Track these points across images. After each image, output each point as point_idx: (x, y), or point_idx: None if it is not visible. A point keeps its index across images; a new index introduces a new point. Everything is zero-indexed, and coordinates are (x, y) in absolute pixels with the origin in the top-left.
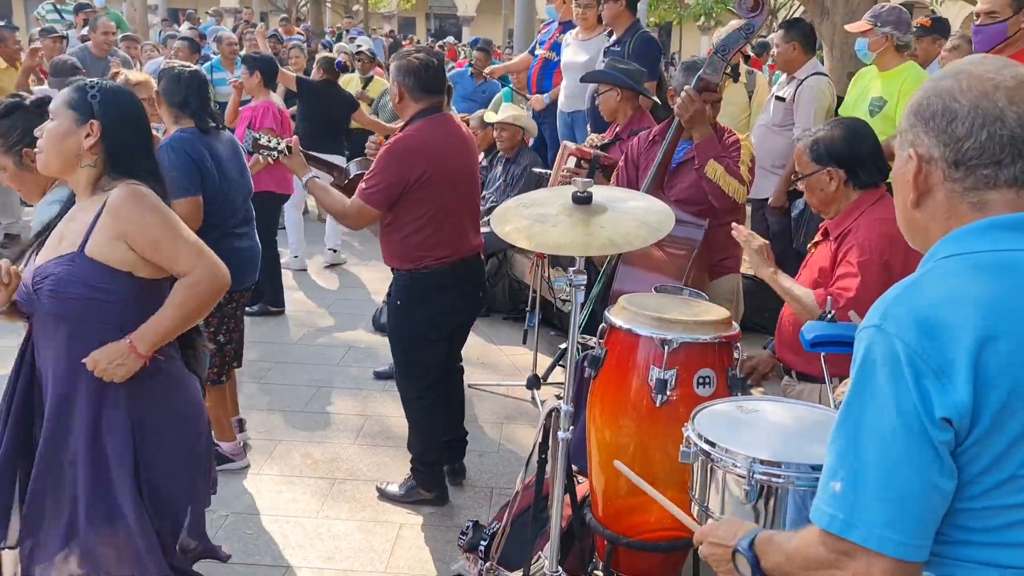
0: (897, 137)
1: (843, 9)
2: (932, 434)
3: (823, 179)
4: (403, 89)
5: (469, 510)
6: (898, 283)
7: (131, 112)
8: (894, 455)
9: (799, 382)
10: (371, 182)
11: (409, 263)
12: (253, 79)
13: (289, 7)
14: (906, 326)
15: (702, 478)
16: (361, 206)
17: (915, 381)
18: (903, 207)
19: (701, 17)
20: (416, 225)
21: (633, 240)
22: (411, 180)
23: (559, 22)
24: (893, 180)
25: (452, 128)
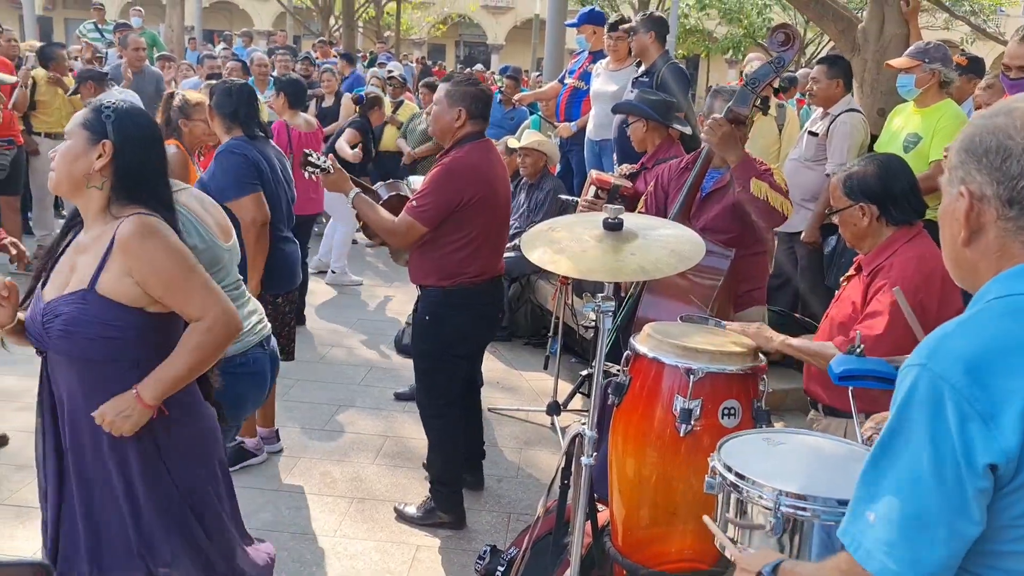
0: (947, 173)
1: (874, 46)
2: (968, 482)
3: (855, 214)
4: (466, 113)
5: (486, 534)
6: (947, 323)
7: (146, 135)
8: (921, 498)
9: (826, 416)
10: (423, 201)
11: (445, 280)
12: (279, 100)
13: (323, 30)
14: (953, 368)
15: (726, 509)
16: (412, 223)
17: (959, 425)
18: (952, 244)
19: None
20: (458, 244)
21: (663, 268)
22: (462, 201)
23: (589, 52)
24: (940, 216)
25: (495, 155)
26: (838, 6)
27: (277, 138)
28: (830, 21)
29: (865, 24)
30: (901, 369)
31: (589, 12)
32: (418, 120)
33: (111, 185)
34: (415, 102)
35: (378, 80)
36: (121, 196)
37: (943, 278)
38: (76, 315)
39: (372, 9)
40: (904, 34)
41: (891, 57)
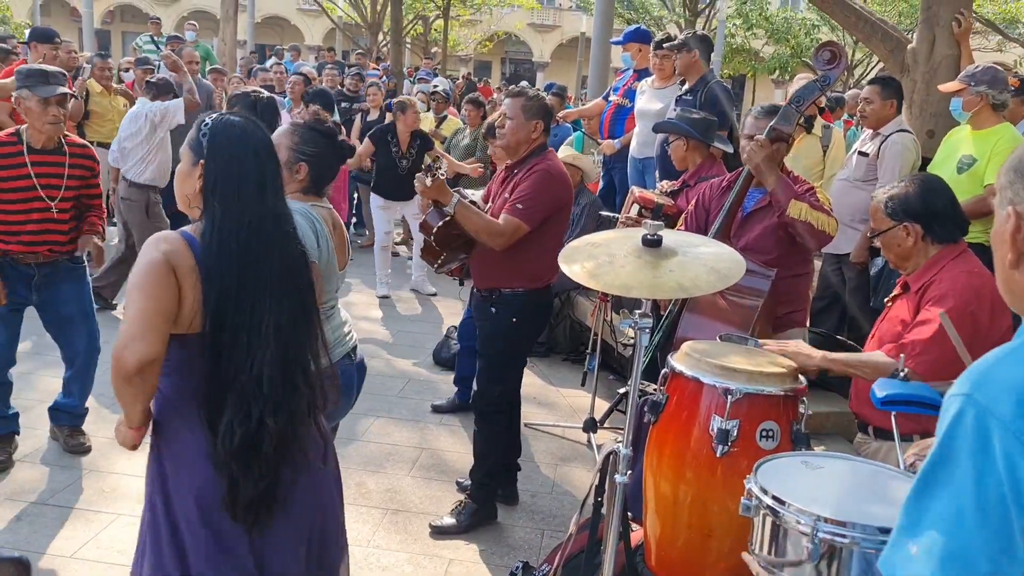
0: (996, 194)
1: (924, 67)
2: (1015, 519)
3: (899, 235)
4: (543, 124)
5: (520, 550)
6: (994, 350)
7: (235, 150)
8: (963, 536)
9: (875, 439)
10: (528, 203)
11: (536, 281)
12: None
13: (371, 46)
14: (1000, 399)
15: (763, 533)
16: (518, 224)
17: (1006, 460)
18: (1001, 267)
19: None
20: (551, 245)
21: (702, 286)
22: (560, 204)
23: (634, 70)
24: (992, 239)
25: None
26: (888, 26)
27: None
28: (879, 41)
29: (915, 45)
30: (946, 397)
31: (635, 30)
32: (461, 135)
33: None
34: (459, 118)
35: (423, 95)
36: (204, 212)
37: (992, 294)
38: None
39: (420, 26)
40: (955, 55)
41: (941, 78)
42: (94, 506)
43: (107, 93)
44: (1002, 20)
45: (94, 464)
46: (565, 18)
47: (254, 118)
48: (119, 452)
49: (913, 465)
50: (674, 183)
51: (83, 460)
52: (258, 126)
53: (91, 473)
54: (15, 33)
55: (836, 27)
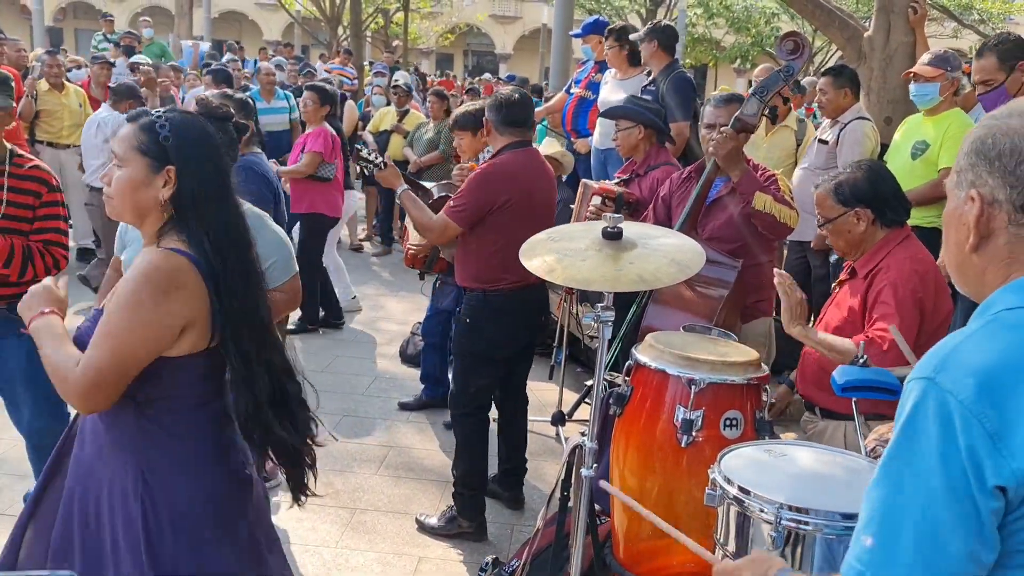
0: (953, 176)
1: (880, 55)
2: (980, 502)
3: (850, 221)
4: (490, 124)
5: (489, 546)
6: (951, 335)
7: (206, 151)
8: (933, 518)
9: (822, 419)
10: (459, 202)
11: (485, 283)
12: (322, 110)
13: (331, 40)
14: (963, 383)
15: (727, 522)
16: (447, 223)
17: (968, 443)
18: (957, 250)
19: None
20: (495, 247)
21: (663, 277)
22: (495, 205)
23: (595, 61)
24: (945, 220)
25: (537, 161)
26: (844, 15)
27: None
28: (836, 30)
29: (871, 33)
30: (907, 381)
31: (593, 22)
32: (424, 129)
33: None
34: (421, 111)
35: (379, 89)
36: (175, 221)
37: (936, 278)
38: (85, 331)
39: (381, 19)
40: (911, 43)
41: (897, 66)
42: None
43: (56, 91)
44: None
45: None
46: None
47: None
48: None
49: (874, 450)
50: (623, 173)
51: None
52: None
53: None
54: None
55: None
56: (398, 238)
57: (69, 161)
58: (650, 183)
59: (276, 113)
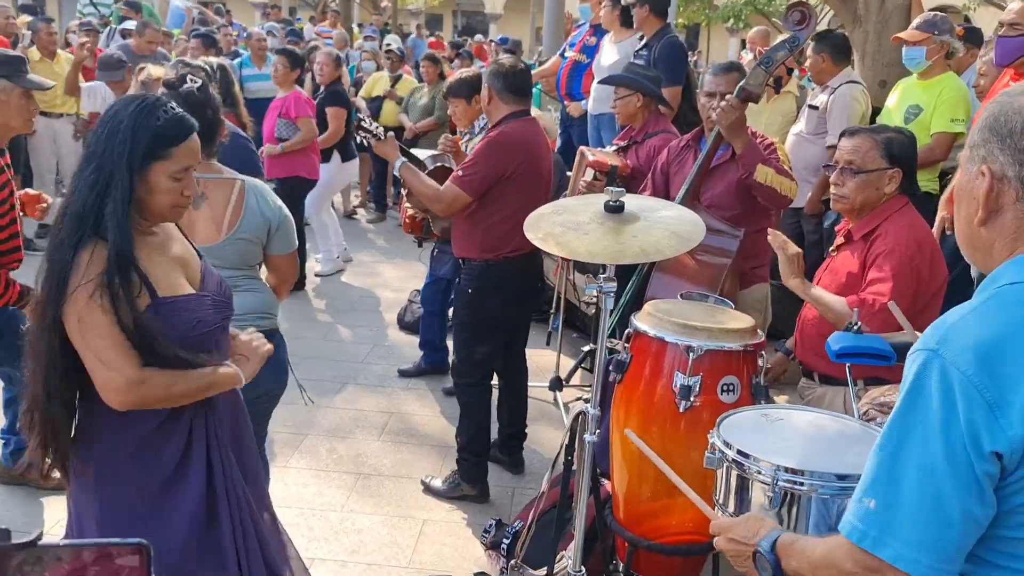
0: (966, 150)
1: (876, 17)
2: (977, 466)
3: (883, 178)
4: (492, 90)
5: (491, 508)
6: (958, 307)
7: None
8: (935, 482)
9: (820, 385)
10: (468, 171)
11: (489, 252)
12: (292, 74)
13: (319, 2)
14: (964, 354)
15: (726, 484)
16: (457, 192)
17: (967, 412)
18: (966, 223)
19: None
20: (502, 216)
21: (664, 250)
22: (506, 173)
23: (591, 24)
24: (956, 193)
25: (539, 131)
26: None
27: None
28: None
29: None
30: (910, 353)
31: None
32: (419, 94)
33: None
34: (413, 76)
35: (368, 53)
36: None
37: (932, 246)
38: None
39: None
40: (906, 5)
41: (893, 28)
42: None
43: (48, 60)
44: None
45: None
46: None
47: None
48: None
49: (866, 413)
50: (621, 140)
51: None
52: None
53: None
54: None
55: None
56: (392, 204)
57: (63, 130)
58: (648, 150)
59: (267, 80)
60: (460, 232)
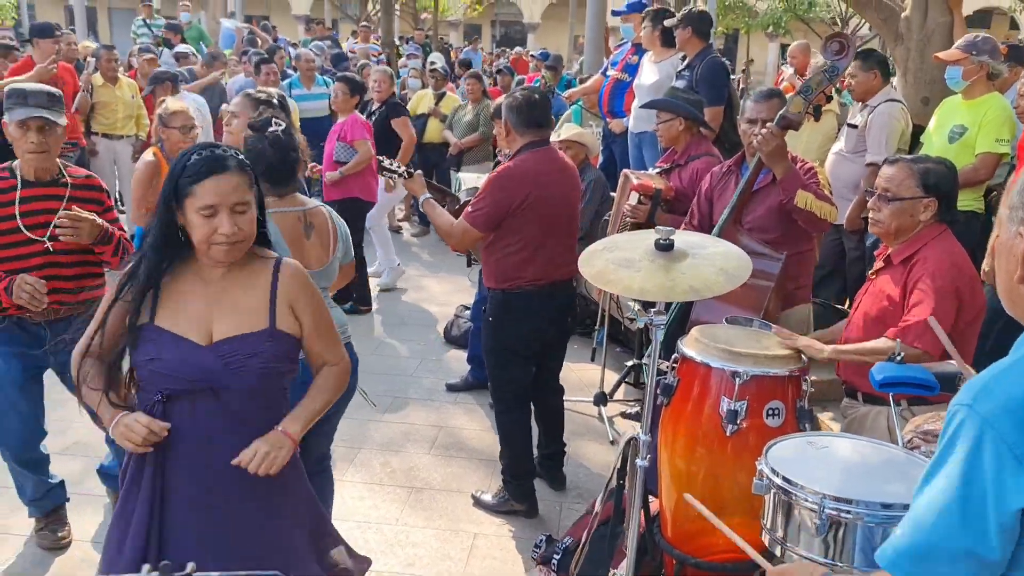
0: (1005, 210)
1: (918, 35)
2: (991, 514)
3: (919, 207)
4: (508, 124)
5: (540, 522)
6: (996, 364)
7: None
8: (948, 525)
9: (864, 404)
10: (477, 206)
11: (504, 282)
12: (352, 100)
13: (361, 15)
14: (998, 412)
15: (774, 510)
16: (466, 227)
17: (995, 467)
18: (1007, 279)
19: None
20: (514, 248)
21: (713, 287)
22: (512, 207)
23: (632, 43)
24: (998, 248)
25: (555, 160)
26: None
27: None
28: (873, 11)
29: (908, 13)
30: (950, 406)
31: (637, 2)
32: (463, 111)
33: None
34: (457, 93)
35: (416, 71)
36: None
37: (971, 273)
38: (273, 352)
39: None
40: (948, 22)
41: (935, 46)
42: None
43: (111, 84)
44: None
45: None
46: None
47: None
48: None
49: (910, 442)
50: (664, 162)
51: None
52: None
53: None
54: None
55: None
56: None
57: (124, 151)
58: (690, 173)
59: (316, 99)
60: (483, 261)
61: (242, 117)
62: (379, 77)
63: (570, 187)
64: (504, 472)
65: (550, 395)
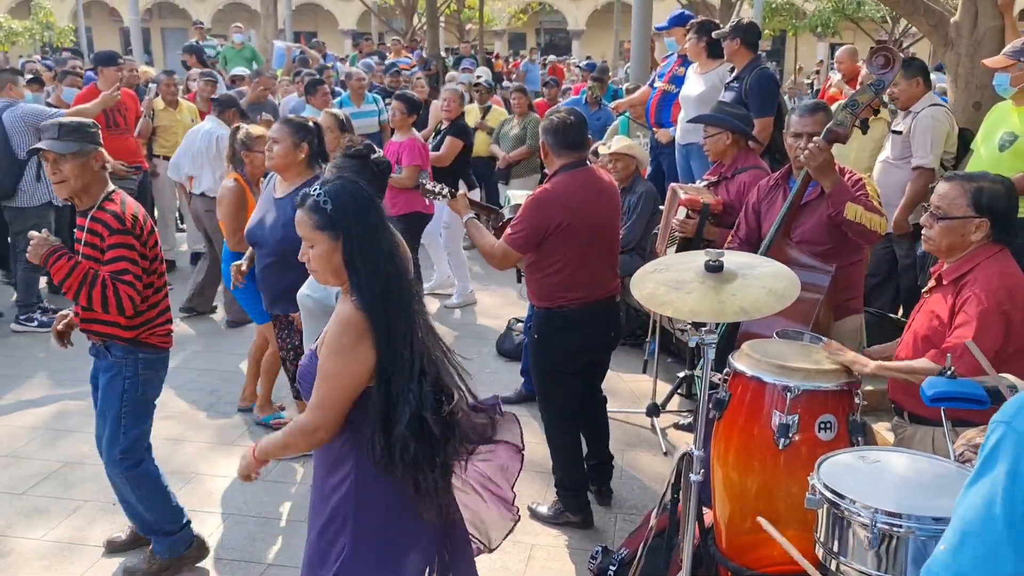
0: None
1: (968, 40)
2: None
3: (970, 226)
4: (547, 146)
5: (596, 533)
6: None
7: (361, 211)
8: (996, 536)
9: (911, 424)
10: (515, 228)
11: (546, 301)
12: (409, 119)
13: (407, 28)
14: None
15: (827, 524)
16: (506, 249)
17: None
18: None
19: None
20: (554, 268)
21: (762, 308)
22: (550, 228)
23: (678, 55)
24: None
25: (593, 180)
26: (930, 1)
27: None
28: (921, 17)
29: (958, 18)
30: (990, 422)
31: (679, 15)
32: (509, 125)
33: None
34: (502, 106)
35: (464, 85)
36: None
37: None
38: (304, 370)
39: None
40: (999, 27)
41: (985, 51)
42: (205, 508)
43: (171, 108)
44: None
45: (195, 468)
46: None
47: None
48: (221, 457)
49: (962, 455)
50: (711, 175)
51: (185, 467)
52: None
53: (197, 477)
54: (60, 37)
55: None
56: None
57: None
58: (738, 186)
59: (366, 117)
60: (527, 280)
61: (283, 143)
62: (448, 96)
63: (609, 206)
64: (558, 485)
65: (593, 405)
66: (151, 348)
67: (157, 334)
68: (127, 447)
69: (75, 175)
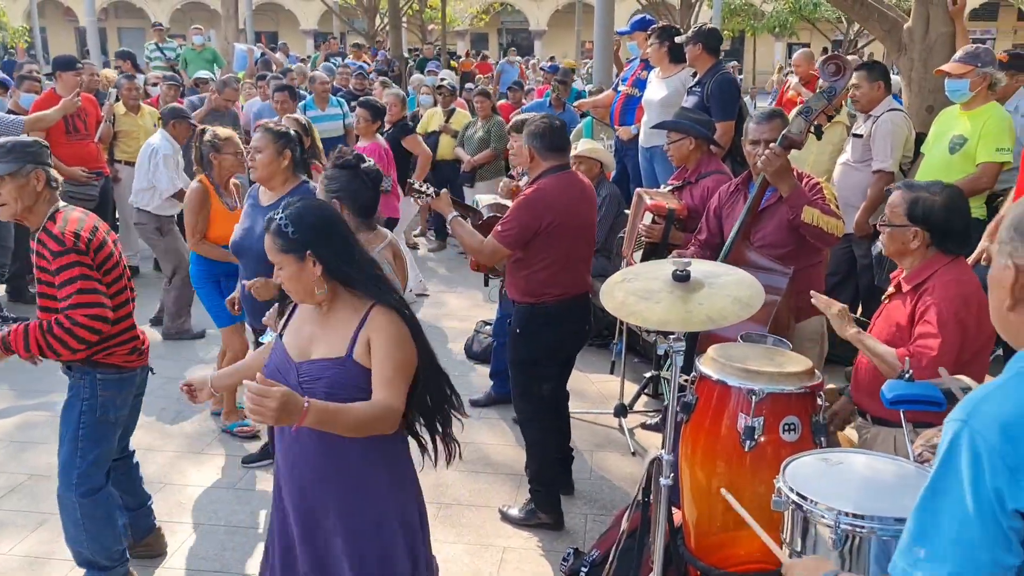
0: (996, 244)
1: (920, 45)
2: (1003, 521)
3: (908, 235)
4: (532, 150)
5: (566, 535)
6: (987, 383)
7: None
8: (969, 535)
9: (873, 425)
10: (505, 226)
11: (530, 297)
12: (374, 125)
13: (369, 29)
14: (989, 427)
15: (792, 525)
16: (496, 246)
17: (991, 476)
18: (998, 307)
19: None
20: (541, 265)
21: (728, 316)
22: (540, 228)
23: (640, 59)
24: (989, 281)
25: (576, 183)
26: (883, 6)
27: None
28: (875, 22)
29: (911, 24)
30: (946, 421)
31: (641, 19)
32: (473, 128)
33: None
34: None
35: (427, 88)
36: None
37: (980, 301)
38: (338, 379)
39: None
40: (950, 33)
41: (937, 56)
42: (175, 518)
43: (133, 113)
44: None
45: (165, 478)
46: None
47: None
48: (190, 466)
49: (920, 455)
50: (675, 180)
51: (155, 476)
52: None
53: (166, 487)
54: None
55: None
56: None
57: None
58: (702, 191)
59: (331, 120)
60: (508, 277)
61: (266, 152)
62: (391, 100)
63: (589, 207)
64: (532, 481)
65: (563, 402)
66: (111, 368)
67: (118, 353)
68: (84, 471)
69: (14, 197)
